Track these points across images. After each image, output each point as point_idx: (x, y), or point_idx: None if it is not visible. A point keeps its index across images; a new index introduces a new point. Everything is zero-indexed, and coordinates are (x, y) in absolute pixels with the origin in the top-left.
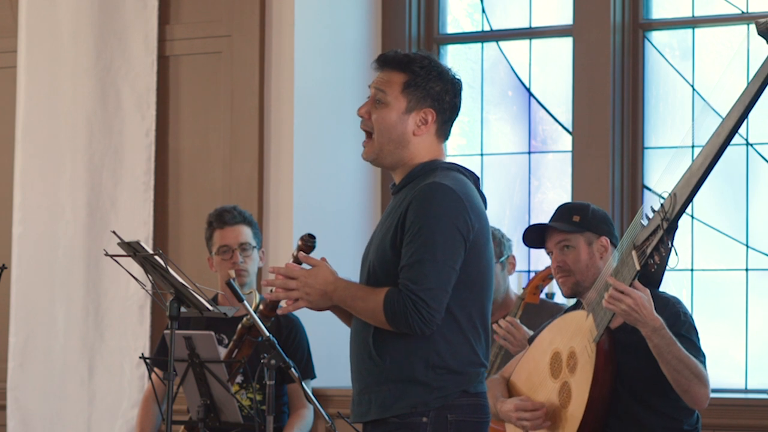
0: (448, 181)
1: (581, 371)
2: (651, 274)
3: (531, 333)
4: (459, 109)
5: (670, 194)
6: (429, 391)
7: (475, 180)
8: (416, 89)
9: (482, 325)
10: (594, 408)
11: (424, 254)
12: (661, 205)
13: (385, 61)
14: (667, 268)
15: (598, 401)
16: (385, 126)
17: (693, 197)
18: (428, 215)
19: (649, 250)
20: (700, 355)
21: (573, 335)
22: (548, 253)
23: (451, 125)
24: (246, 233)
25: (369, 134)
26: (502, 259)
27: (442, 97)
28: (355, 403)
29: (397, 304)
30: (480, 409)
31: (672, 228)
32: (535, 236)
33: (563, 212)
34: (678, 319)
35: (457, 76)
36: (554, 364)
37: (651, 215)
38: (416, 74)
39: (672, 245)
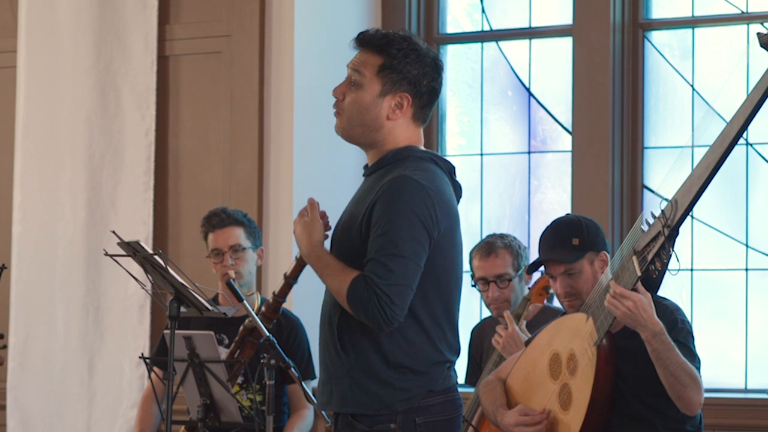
0: (418, 174)
1: (582, 374)
2: (651, 279)
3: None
4: (438, 93)
5: (670, 201)
6: (391, 391)
7: (450, 169)
8: (392, 72)
9: (448, 323)
10: (595, 411)
11: (391, 249)
12: (662, 211)
13: (363, 42)
14: (668, 271)
15: (601, 403)
16: (357, 109)
17: (694, 205)
18: (395, 210)
19: (650, 257)
20: (695, 361)
21: (572, 337)
22: (551, 278)
23: (430, 110)
24: (236, 235)
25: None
26: (520, 272)
27: (419, 81)
28: (319, 391)
29: (362, 294)
30: (449, 405)
31: (673, 235)
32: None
33: (560, 237)
34: (675, 326)
35: (438, 59)
36: (553, 365)
37: (651, 220)
38: (393, 57)
39: (673, 251)
